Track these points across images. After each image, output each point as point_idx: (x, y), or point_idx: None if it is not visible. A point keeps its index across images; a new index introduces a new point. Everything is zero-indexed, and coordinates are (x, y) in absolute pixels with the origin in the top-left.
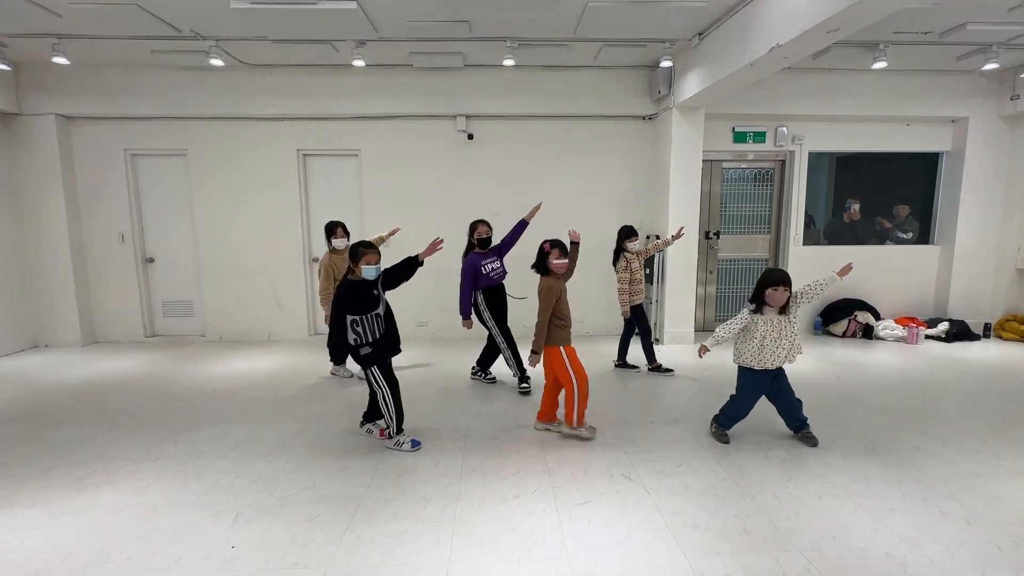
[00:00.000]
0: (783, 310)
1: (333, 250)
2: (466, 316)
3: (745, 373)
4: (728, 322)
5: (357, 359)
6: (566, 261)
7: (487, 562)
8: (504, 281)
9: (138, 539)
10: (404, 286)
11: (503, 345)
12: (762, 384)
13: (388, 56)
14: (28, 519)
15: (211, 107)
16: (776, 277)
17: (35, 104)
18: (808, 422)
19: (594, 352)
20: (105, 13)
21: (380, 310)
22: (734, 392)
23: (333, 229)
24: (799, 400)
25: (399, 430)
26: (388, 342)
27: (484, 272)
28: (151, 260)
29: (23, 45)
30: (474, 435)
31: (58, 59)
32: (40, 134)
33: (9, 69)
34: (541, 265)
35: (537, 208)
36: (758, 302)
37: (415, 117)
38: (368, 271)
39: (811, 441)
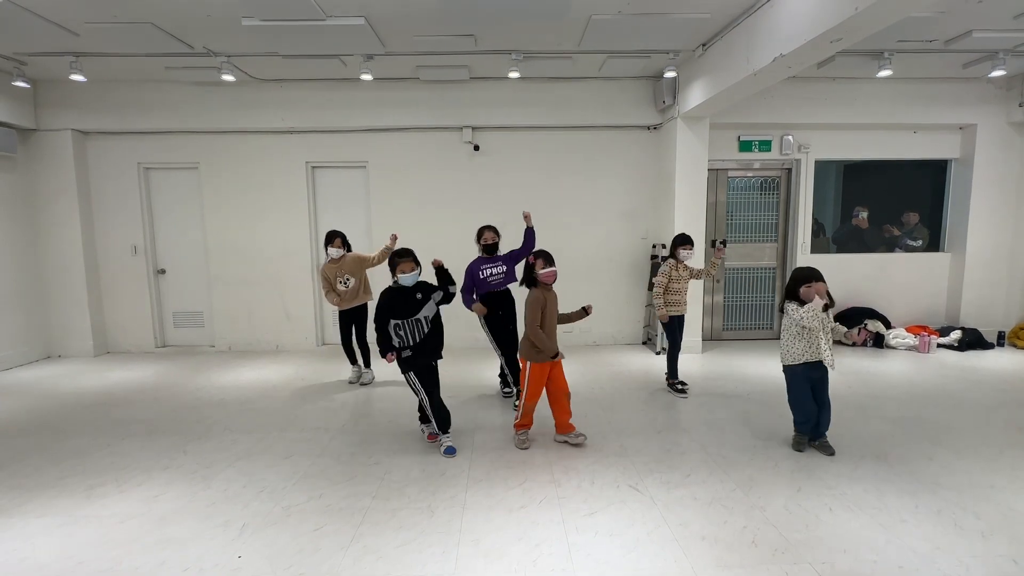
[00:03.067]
0: (824, 307)
1: (329, 259)
2: (468, 304)
3: (790, 371)
4: (785, 330)
5: (399, 362)
6: (554, 270)
7: (493, 573)
8: (511, 287)
9: (147, 548)
10: None
11: (497, 352)
12: (807, 376)
13: (395, 69)
14: (40, 528)
15: (222, 121)
16: (807, 273)
17: (52, 120)
18: (827, 432)
19: (601, 361)
20: (121, 31)
21: (422, 315)
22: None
23: (332, 239)
24: (829, 407)
25: (441, 431)
26: (428, 348)
27: (482, 277)
28: (163, 272)
29: (42, 63)
30: (481, 445)
31: (75, 76)
32: (57, 149)
33: (28, 86)
34: (529, 278)
35: (528, 215)
36: (797, 301)
37: (422, 129)
38: (405, 279)
39: (827, 450)
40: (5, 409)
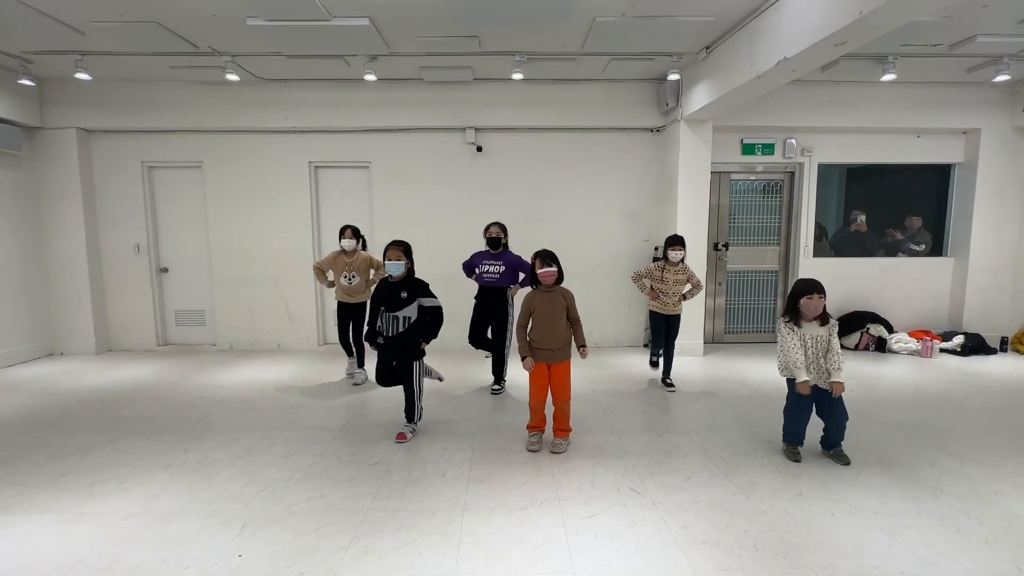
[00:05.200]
0: (823, 320)
1: (341, 250)
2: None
3: (790, 383)
4: (780, 348)
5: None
6: (553, 271)
7: (493, 574)
8: (503, 287)
9: (148, 546)
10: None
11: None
12: (809, 395)
13: (399, 70)
14: (41, 525)
15: (226, 120)
16: (809, 286)
17: (57, 118)
18: (841, 443)
19: (602, 364)
20: (126, 30)
21: (402, 314)
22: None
23: (342, 232)
24: (845, 419)
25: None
26: (395, 346)
27: (479, 271)
28: (165, 270)
29: (47, 61)
30: (482, 446)
31: (80, 75)
32: (61, 147)
33: (33, 85)
34: (533, 277)
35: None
36: (792, 315)
37: (425, 130)
38: (390, 266)
39: (842, 459)
40: (7, 406)
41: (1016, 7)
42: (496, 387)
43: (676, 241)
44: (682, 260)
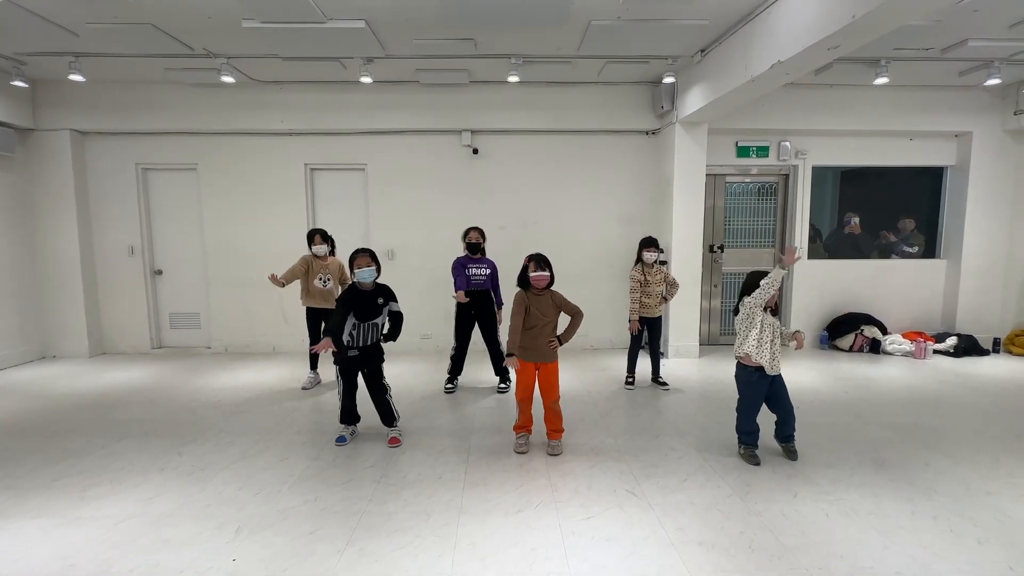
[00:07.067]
0: (773, 312)
1: (314, 256)
2: (458, 288)
3: (740, 371)
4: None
5: (342, 359)
6: (546, 275)
7: None
8: (487, 290)
9: (142, 550)
10: (409, 299)
11: (453, 343)
12: (760, 383)
13: (395, 72)
14: (34, 529)
15: (221, 123)
16: (761, 276)
17: (51, 120)
18: (795, 436)
19: (598, 366)
20: (121, 32)
21: (379, 320)
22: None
23: (311, 237)
24: (792, 409)
25: (341, 421)
26: (372, 353)
27: (467, 273)
28: (159, 272)
29: (41, 63)
30: (478, 449)
31: (74, 76)
32: (55, 149)
33: (27, 86)
34: (523, 279)
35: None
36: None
37: (421, 132)
38: (361, 274)
39: (792, 455)
40: (0, 410)
41: (1007, 11)
42: (503, 386)
43: (649, 243)
44: (656, 261)
